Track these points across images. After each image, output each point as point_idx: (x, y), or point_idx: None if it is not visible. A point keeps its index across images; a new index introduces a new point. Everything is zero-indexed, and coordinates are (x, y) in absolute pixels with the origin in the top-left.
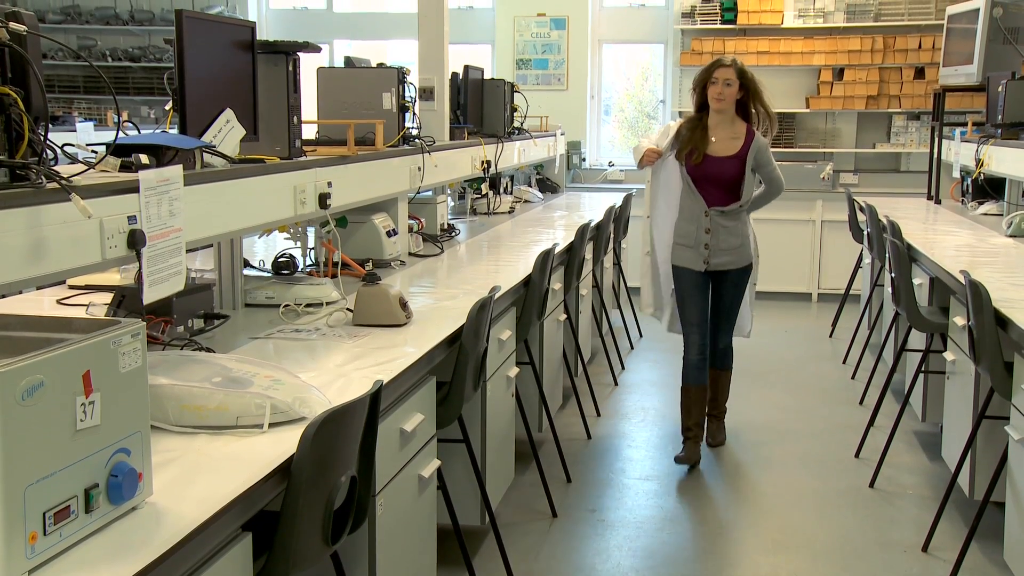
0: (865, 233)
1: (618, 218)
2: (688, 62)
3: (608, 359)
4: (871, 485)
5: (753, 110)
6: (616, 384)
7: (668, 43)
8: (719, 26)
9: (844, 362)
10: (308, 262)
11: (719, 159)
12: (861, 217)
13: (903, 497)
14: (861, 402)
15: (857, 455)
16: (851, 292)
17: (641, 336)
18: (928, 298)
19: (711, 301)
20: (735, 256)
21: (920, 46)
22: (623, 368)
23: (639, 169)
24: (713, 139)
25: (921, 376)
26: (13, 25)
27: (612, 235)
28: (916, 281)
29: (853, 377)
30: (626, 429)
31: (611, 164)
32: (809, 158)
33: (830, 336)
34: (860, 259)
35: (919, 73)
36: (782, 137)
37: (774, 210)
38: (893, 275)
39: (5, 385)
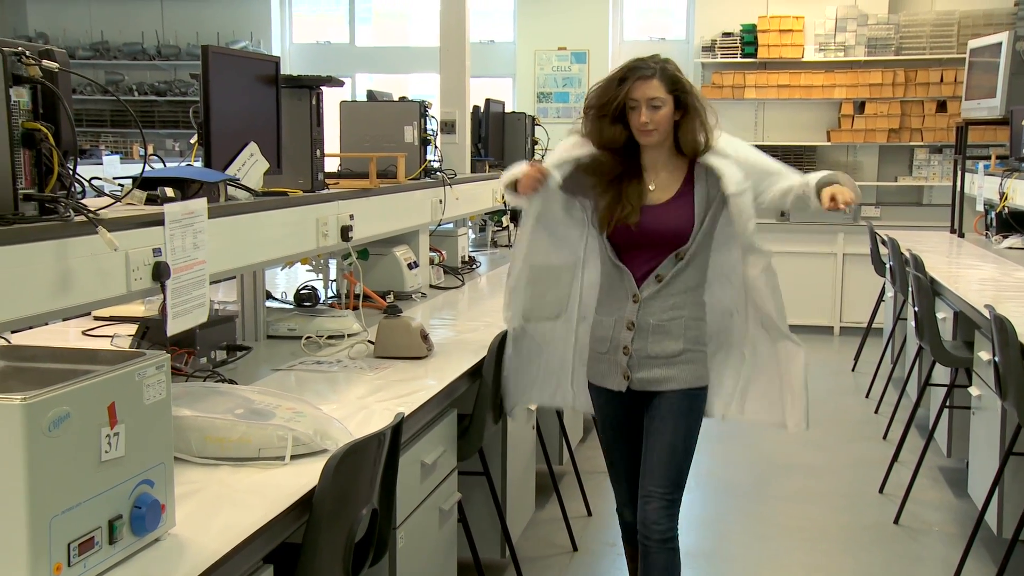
0: (887, 266)
1: None
2: (709, 95)
3: None
4: (896, 521)
5: (695, 136)
6: None
7: (689, 76)
8: (739, 60)
9: (867, 396)
10: (330, 294)
11: (656, 209)
12: (883, 250)
13: (929, 534)
14: (885, 436)
15: (881, 490)
16: (873, 325)
17: None
18: (952, 332)
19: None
20: (674, 369)
21: (942, 79)
22: None
23: (510, 200)
24: (652, 187)
25: (946, 411)
26: (46, 62)
27: None
28: (940, 315)
29: (876, 411)
30: None
31: None
32: None
33: (852, 370)
34: (882, 292)
35: (941, 107)
36: (803, 170)
37: (795, 243)
38: (916, 309)
39: (32, 416)
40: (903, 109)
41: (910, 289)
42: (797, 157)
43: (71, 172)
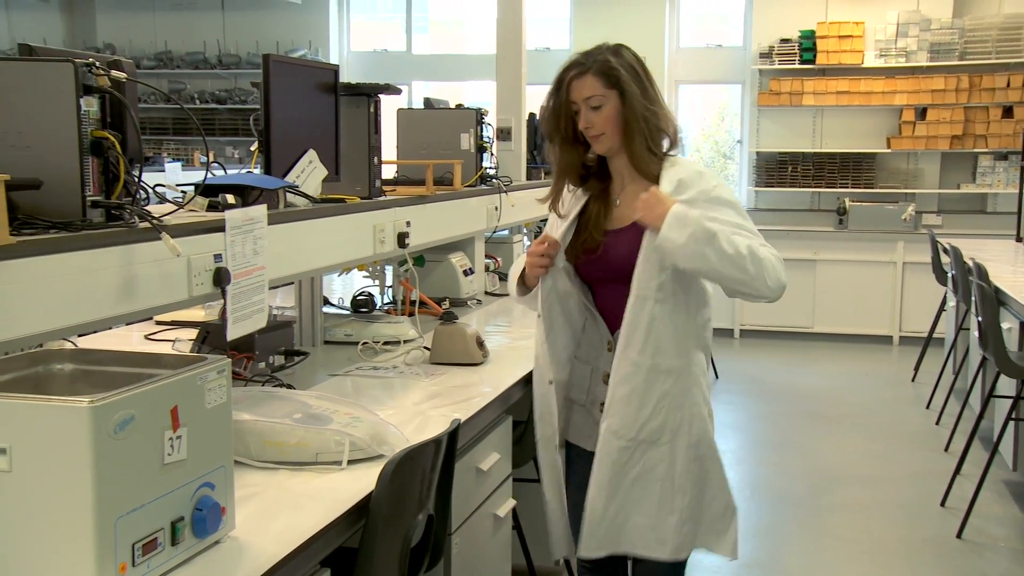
0: (949, 275)
1: None
2: (766, 102)
3: None
4: (959, 535)
5: (631, 142)
6: None
7: (745, 83)
8: (797, 66)
9: (928, 407)
10: (386, 300)
11: (615, 234)
12: (945, 259)
13: (994, 549)
14: (947, 448)
15: (943, 503)
16: (934, 335)
17: (717, 377)
18: (1018, 343)
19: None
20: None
21: (1008, 84)
22: None
23: (520, 295)
24: (618, 202)
25: (1011, 423)
26: (114, 73)
27: None
28: (1005, 325)
29: (938, 423)
30: None
31: None
32: (890, 199)
33: (912, 380)
34: (944, 302)
35: (1007, 112)
36: (862, 177)
37: (853, 251)
38: (980, 319)
39: (99, 419)
40: (967, 115)
41: (973, 299)
42: (856, 164)
43: (136, 179)
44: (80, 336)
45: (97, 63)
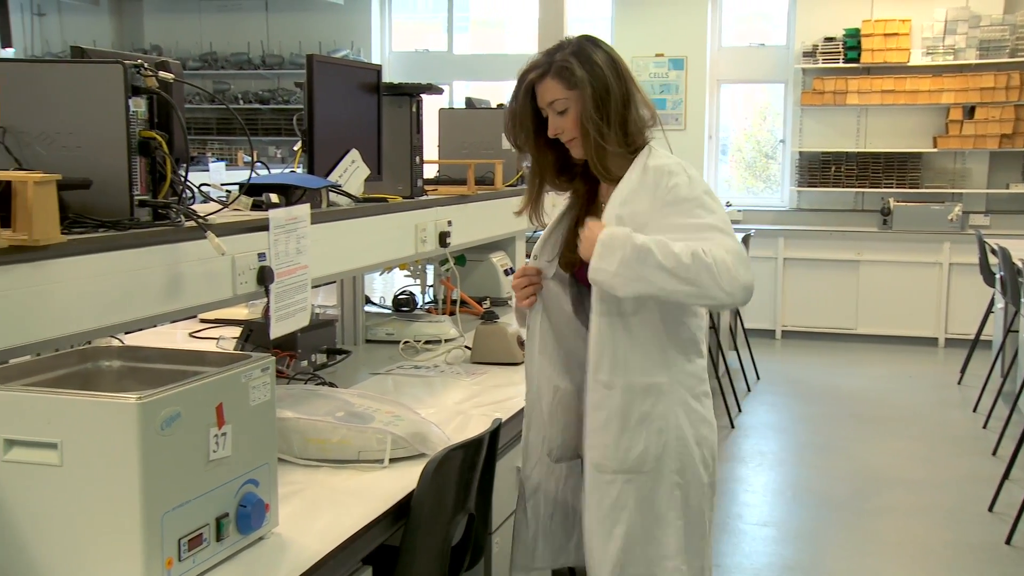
0: (997, 277)
1: None
2: (809, 101)
3: (724, 401)
4: (1007, 542)
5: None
6: (733, 427)
7: (788, 82)
8: (842, 65)
9: (975, 410)
10: (427, 299)
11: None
12: (993, 260)
13: None
14: (994, 452)
15: (991, 509)
16: (981, 337)
17: (759, 378)
18: None
19: None
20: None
21: None
22: (740, 411)
23: (521, 326)
24: (604, 204)
25: None
26: (162, 74)
27: None
28: None
29: (985, 426)
30: (743, 474)
31: (728, 204)
32: (936, 199)
33: (959, 383)
34: (992, 303)
35: None
36: (907, 177)
37: (898, 252)
38: None
39: (146, 415)
40: (1017, 113)
41: (1023, 300)
42: (901, 164)
43: (183, 179)
44: (126, 334)
45: (145, 64)
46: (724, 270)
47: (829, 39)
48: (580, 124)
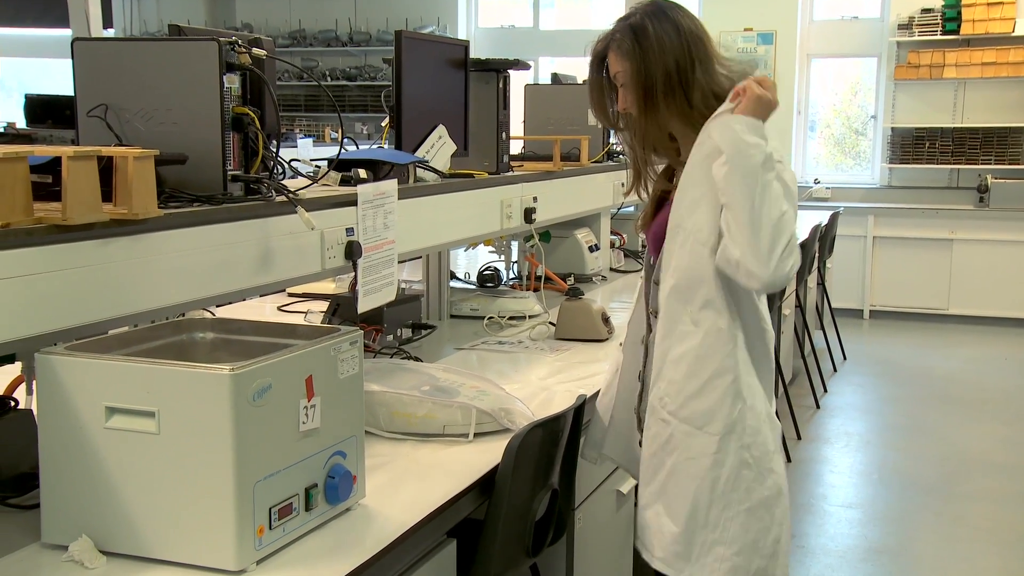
0: None
1: (823, 237)
2: (903, 76)
3: (810, 381)
4: None
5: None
6: (818, 407)
7: (882, 56)
8: (939, 36)
9: None
10: (512, 275)
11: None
12: None
13: None
14: None
15: None
16: None
17: (845, 359)
18: None
19: None
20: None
21: None
22: (825, 391)
23: None
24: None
25: None
26: (255, 51)
27: (817, 255)
28: None
29: None
30: (828, 454)
31: (816, 181)
32: None
33: None
34: None
35: None
36: (1007, 153)
37: (993, 230)
38: None
39: (239, 386)
40: None
41: None
42: (1001, 139)
43: (274, 154)
44: (218, 306)
45: (239, 41)
46: (782, 239)
47: (927, 10)
48: (636, 92)
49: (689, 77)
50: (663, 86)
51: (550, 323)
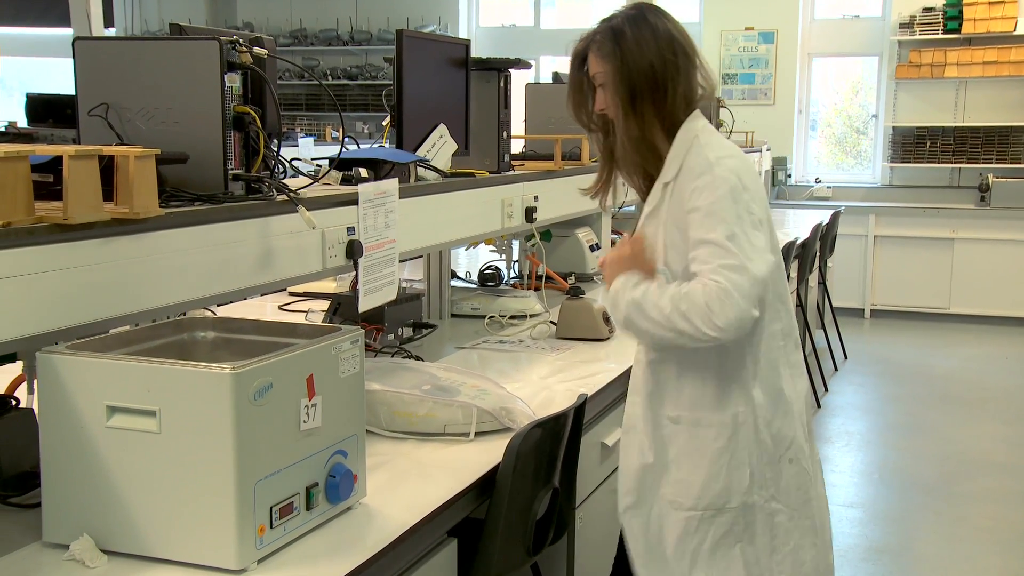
0: None
1: (824, 236)
2: (905, 75)
3: (811, 380)
4: None
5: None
6: (819, 407)
7: (883, 55)
8: (941, 36)
9: None
10: (512, 275)
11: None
12: None
13: None
14: None
15: None
16: None
17: (846, 358)
18: None
19: None
20: None
21: None
22: (826, 390)
23: None
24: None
25: None
26: (256, 50)
27: (818, 254)
28: None
29: None
30: (829, 453)
31: (818, 180)
32: None
33: None
34: None
35: None
36: (1008, 152)
37: (996, 230)
38: None
39: (240, 385)
40: None
41: None
42: (1002, 139)
43: (275, 153)
44: (219, 305)
45: (240, 40)
46: (699, 314)
47: (928, 9)
48: (613, 100)
49: (665, 82)
50: (639, 89)
51: (551, 322)
